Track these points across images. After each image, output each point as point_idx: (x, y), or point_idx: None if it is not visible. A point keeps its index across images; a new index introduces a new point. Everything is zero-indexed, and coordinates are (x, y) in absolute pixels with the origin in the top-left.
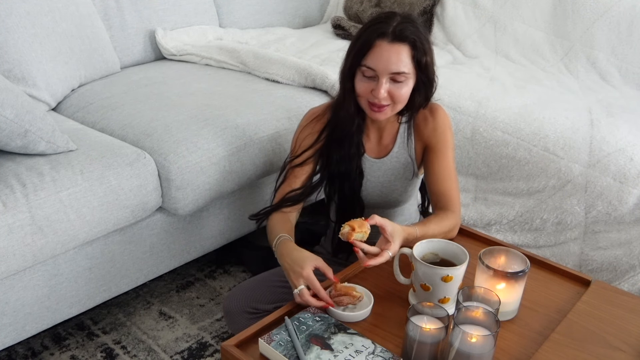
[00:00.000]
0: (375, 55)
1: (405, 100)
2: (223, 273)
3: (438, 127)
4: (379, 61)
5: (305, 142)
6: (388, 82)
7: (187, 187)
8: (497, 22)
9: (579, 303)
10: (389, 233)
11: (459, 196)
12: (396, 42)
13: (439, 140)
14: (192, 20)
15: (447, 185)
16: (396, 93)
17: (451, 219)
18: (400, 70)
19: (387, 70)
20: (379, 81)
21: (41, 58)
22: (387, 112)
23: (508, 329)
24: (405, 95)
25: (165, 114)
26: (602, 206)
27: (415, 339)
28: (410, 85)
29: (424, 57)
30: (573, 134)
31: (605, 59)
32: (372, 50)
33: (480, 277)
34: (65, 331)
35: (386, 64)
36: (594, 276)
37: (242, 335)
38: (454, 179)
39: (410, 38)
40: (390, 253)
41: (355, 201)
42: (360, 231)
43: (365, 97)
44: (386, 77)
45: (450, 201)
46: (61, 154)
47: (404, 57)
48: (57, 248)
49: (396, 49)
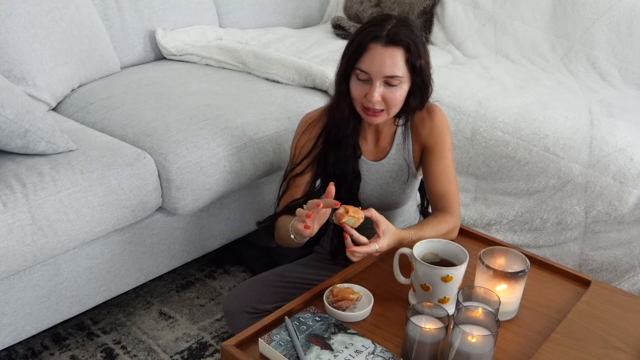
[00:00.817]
0: (368, 58)
1: (400, 104)
2: (223, 273)
3: (436, 128)
4: (373, 64)
5: (304, 149)
6: (382, 85)
7: (187, 187)
8: (497, 22)
9: (579, 303)
10: (381, 229)
11: (458, 198)
12: (390, 46)
13: (437, 142)
14: (192, 20)
15: (446, 187)
16: (390, 97)
17: (450, 222)
18: (394, 74)
19: (381, 73)
20: (373, 84)
21: (41, 58)
22: (382, 116)
23: (508, 329)
24: (399, 99)
25: (165, 114)
26: (602, 206)
27: (415, 339)
28: (404, 89)
29: (419, 60)
30: (573, 134)
31: (605, 59)
32: (366, 54)
33: (480, 277)
34: (65, 331)
35: (379, 67)
36: (594, 276)
37: (242, 335)
38: (453, 181)
39: (404, 41)
40: (377, 247)
41: (353, 204)
42: (353, 217)
43: (359, 101)
44: (380, 80)
45: (449, 203)
46: (61, 154)
47: (398, 61)
48: (57, 248)
49: (390, 53)
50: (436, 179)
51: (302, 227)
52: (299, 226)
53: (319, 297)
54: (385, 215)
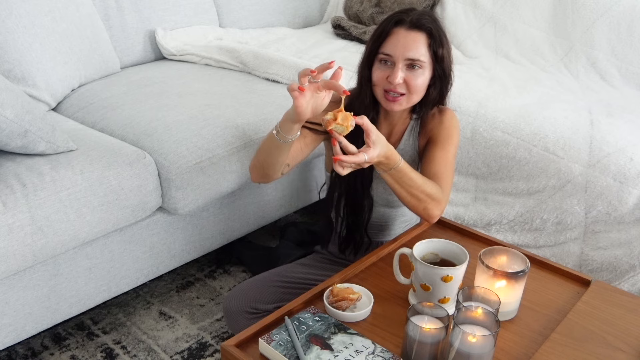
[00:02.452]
0: (392, 41)
1: (421, 92)
2: (223, 273)
3: (444, 122)
4: (396, 47)
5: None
6: (404, 68)
7: (187, 187)
8: (497, 22)
9: (579, 303)
10: (372, 139)
11: (450, 185)
12: (413, 30)
13: (442, 134)
14: (192, 20)
15: (441, 170)
16: (412, 82)
17: (437, 192)
18: (417, 57)
19: (403, 55)
20: (395, 66)
21: (41, 58)
22: (403, 102)
23: (508, 329)
24: (421, 85)
25: (165, 114)
26: (602, 206)
27: (415, 339)
28: (426, 76)
29: (441, 48)
30: (573, 134)
31: (605, 59)
32: (390, 37)
33: (480, 277)
34: (65, 331)
35: (402, 49)
36: (594, 276)
37: (242, 335)
38: (449, 169)
39: (427, 27)
40: (367, 157)
41: (365, 196)
42: (342, 125)
43: (380, 86)
44: (402, 62)
45: (440, 183)
46: (61, 154)
47: (421, 46)
48: (57, 248)
49: (413, 36)
50: (432, 161)
51: (297, 93)
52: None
53: (319, 297)
54: (390, 214)
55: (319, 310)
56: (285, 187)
